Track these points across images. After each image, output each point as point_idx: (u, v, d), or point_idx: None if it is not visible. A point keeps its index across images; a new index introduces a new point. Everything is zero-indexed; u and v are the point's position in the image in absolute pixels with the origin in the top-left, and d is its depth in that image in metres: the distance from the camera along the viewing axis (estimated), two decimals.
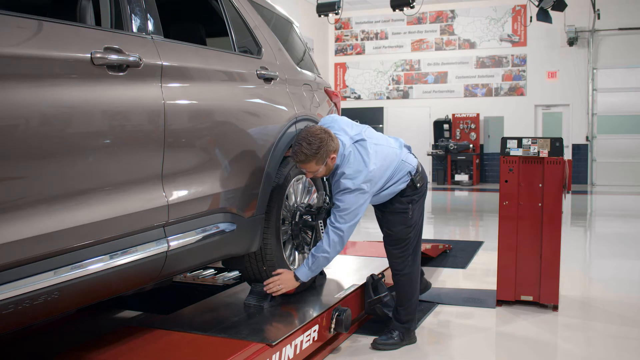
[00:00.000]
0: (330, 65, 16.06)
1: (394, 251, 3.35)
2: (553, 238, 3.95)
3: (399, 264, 3.35)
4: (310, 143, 2.92)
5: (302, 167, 3.04)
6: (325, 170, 3.05)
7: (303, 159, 2.96)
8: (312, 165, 2.99)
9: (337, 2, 11.24)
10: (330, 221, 3.07)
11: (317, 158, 2.95)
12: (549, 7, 10.45)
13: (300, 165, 3.02)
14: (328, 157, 2.99)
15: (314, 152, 2.93)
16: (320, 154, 2.95)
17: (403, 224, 3.30)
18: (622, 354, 3.34)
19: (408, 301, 3.38)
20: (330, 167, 3.05)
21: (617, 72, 13.85)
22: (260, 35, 3.33)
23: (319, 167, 3.00)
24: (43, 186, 1.87)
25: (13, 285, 1.78)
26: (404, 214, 3.28)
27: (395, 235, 3.32)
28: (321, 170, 3.04)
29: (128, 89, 2.19)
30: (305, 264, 3.10)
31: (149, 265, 2.33)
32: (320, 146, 2.93)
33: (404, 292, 3.38)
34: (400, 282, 3.37)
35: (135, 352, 2.51)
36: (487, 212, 9.69)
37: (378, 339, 3.34)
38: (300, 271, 3.11)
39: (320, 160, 2.97)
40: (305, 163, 2.98)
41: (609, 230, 8.18)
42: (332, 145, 2.99)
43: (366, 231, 7.23)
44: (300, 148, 2.93)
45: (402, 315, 3.38)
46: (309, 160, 2.96)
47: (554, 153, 3.92)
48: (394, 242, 3.34)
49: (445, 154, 14.35)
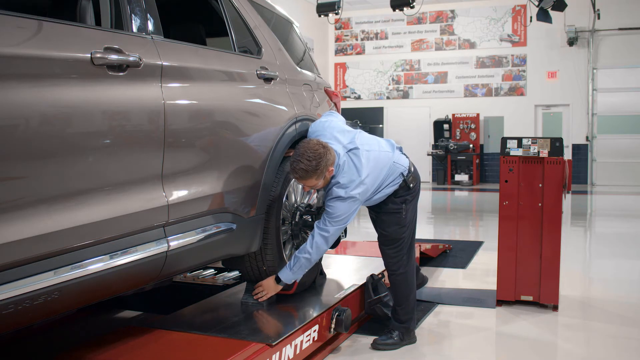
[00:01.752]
0: (330, 65, 16.06)
1: (389, 251, 3.36)
2: (553, 238, 3.95)
3: (393, 264, 3.37)
4: (310, 159, 2.92)
5: (301, 183, 3.05)
6: (323, 182, 3.06)
7: (303, 175, 2.96)
8: (312, 181, 3.00)
9: (337, 2, 11.24)
10: (317, 224, 3.08)
11: (317, 173, 2.96)
12: (549, 7, 10.45)
13: (300, 181, 3.03)
14: (327, 171, 3.00)
15: (313, 168, 2.93)
16: (319, 169, 2.95)
17: (397, 224, 3.31)
18: (622, 354, 3.34)
19: (405, 300, 3.39)
20: (327, 179, 3.06)
21: (617, 72, 13.85)
22: (260, 35, 3.33)
23: (318, 182, 3.02)
24: (43, 186, 1.87)
25: (13, 285, 1.78)
26: (397, 214, 3.29)
27: (390, 235, 3.33)
28: (320, 184, 3.05)
29: (128, 89, 2.19)
30: (287, 266, 3.10)
31: (149, 265, 2.33)
32: (320, 162, 2.94)
33: (401, 291, 3.39)
34: (396, 282, 3.38)
35: (135, 352, 2.51)
36: (487, 212, 9.70)
37: (378, 339, 3.34)
38: (282, 273, 3.11)
39: (319, 175, 2.98)
40: (305, 179, 2.99)
41: (609, 230, 8.18)
42: (330, 159, 3.00)
43: (366, 231, 7.23)
44: (300, 165, 2.93)
45: (400, 314, 3.39)
46: (309, 176, 2.97)
47: (554, 153, 3.92)
48: (389, 242, 3.35)
49: (445, 154, 14.35)
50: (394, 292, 3.42)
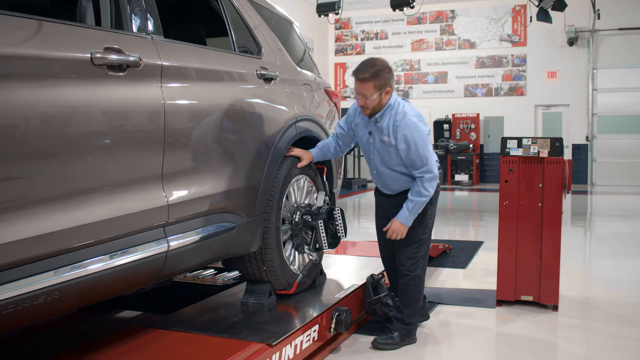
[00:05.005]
0: (330, 65, 16.05)
1: (409, 251, 3.30)
2: (553, 238, 3.95)
3: (411, 264, 3.32)
4: (375, 65, 3.05)
5: (359, 88, 3.09)
6: (377, 102, 3.08)
7: (365, 77, 3.04)
8: (370, 88, 3.04)
9: (337, 2, 11.24)
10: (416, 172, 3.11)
11: (376, 80, 3.03)
12: (549, 7, 10.45)
13: (359, 84, 3.08)
14: (384, 89, 3.06)
15: (376, 72, 3.02)
16: (380, 77, 3.03)
17: (421, 224, 3.29)
18: (622, 354, 3.34)
19: (414, 304, 3.35)
20: (382, 102, 3.09)
21: (617, 72, 13.84)
22: (260, 35, 3.33)
23: (374, 93, 3.05)
24: (43, 186, 1.87)
25: (13, 285, 1.78)
26: (423, 213, 3.27)
27: (414, 235, 3.28)
28: (374, 99, 3.07)
29: (128, 89, 2.19)
30: (406, 210, 3.15)
31: (149, 265, 2.33)
32: (383, 70, 3.04)
33: (411, 294, 3.34)
34: (409, 284, 3.33)
35: (135, 352, 2.51)
36: (487, 212, 9.70)
37: (378, 339, 3.34)
38: (402, 217, 3.16)
39: (377, 85, 3.04)
40: (365, 82, 3.05)
41: (608, 230, 8.18)
42: (390, 80, 3.09)
43: (366, 231, 7.24)
44: (364, 66, 3.05)
45: (405, 317, 3.35)
46: (369, 79, 3.04)
47: (554, 153, 3.92)
48: (411, 242, 3.30)
49: (445, 154, 14.34)
50: (404, 295, 3.36)
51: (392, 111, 3.13)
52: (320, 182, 3.66)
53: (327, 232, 3.36)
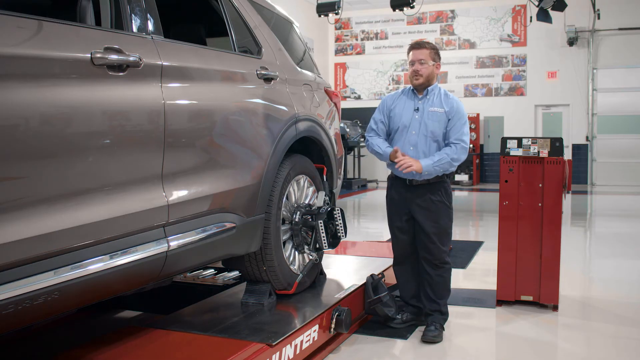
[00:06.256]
0: (330, 65, 16.05)
1: (440, 244, 3.49)
2: (553, 238, 3.95)
3: (445, 256, 3.53)
4: (430, 42, 3.53)
5: (417, 55, 3.42)
6: (429, 72, 3.43)
7: (425, 45, 3.44)
8: (426, 53, 3.41)
9: (337, 2, 11.24)
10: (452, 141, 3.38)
11: (432, 51, 3.44)
12: (549, 7, 10.45)
13: (417, 51, 3.43)
14: (437, 62, 3.47)
15: (433, 46, 3.48)
16: (435, 50, 3.47)
17: (447, 217, 3.53)
18: (622, 354, 3.34)
19: (448, 293, 3.59)
20: (433, 74, 3.45)
21: (617, 72, 13.85)
22: (260, 35, 3.33)
23: (428, 60, 3.41)
24: (43, 186, 1.87)
25: (13, 285, 1.77)
26: (450, 209, 3.53)
27: (443, 228, 3.50)
28: (428, 67, 3.41)
29: (128, 89, 2.19)
30: (431, 160, 3.34)
31: (149, 266, 2.33)
32: (436, 48, 3.51)
33: (446, 284, 3.56)
34: (444, 276, 3.54)
35: (135, 352, 2.51)
36: (487, 212, 9.69)
37: (428, 333, 3.42)
38: (425, 163, 3.34)
39: (431, 55, 3.43)
40: (423, 48, 3.42)
41: (608, 230, 8.18)
42: (440, 60, 3.53)
43: (366, 231, 7.24)
44: (421, 41, 3.53)
45: (442, 306, 3.54)
46: (427, 47, 3.43)
47: (554, 153, 3.92)
48: (441, 235, 3.50)
49: None
50: (439, 286, 3.53)
51: (439, 90, 3.53)
52: (320, 181, 3.66)
53: (327, 232, 3.37)
